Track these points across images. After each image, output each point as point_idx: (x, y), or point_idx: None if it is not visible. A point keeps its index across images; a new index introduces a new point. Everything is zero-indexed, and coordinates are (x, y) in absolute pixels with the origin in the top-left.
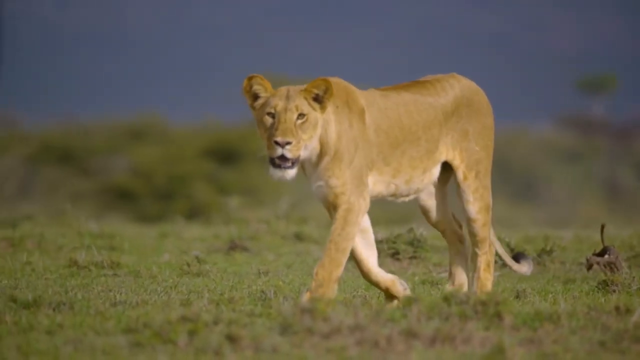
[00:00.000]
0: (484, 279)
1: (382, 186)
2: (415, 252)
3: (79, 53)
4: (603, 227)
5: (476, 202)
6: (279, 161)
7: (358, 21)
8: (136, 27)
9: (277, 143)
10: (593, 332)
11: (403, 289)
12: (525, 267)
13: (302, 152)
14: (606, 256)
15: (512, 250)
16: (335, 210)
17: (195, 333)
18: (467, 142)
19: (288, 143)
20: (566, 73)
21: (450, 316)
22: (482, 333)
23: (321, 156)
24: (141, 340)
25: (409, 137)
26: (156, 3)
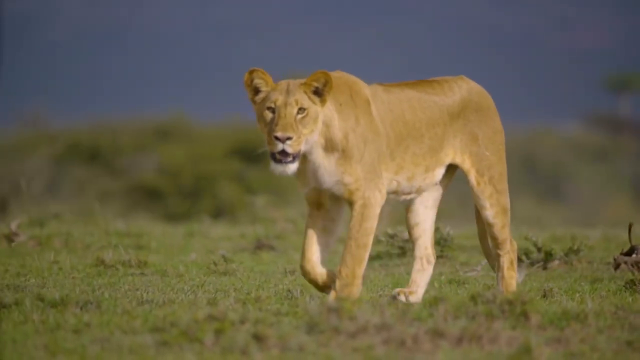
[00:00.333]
0: (508, 277)
1: (385, 182)
2: (442, 251)
3: (108, 53)
4: (631, 226)
5: (492, 208)
6: (280, 156)
7: (391, 18)
8: (164, 27)
9: (278, 138)
10: (620, 332)
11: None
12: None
13: (303, 146)
14: (634, 255)
15: (540, 249)
16: (351, 206)
17: (221, 332)
18: (477, 147)
19: (289, 138)
20: (593, 72)
21: (476, 315)
22: (509, 332)
23: (328, 153)
24: (168, 339)
25: (413, 133)
26: (183, 2)
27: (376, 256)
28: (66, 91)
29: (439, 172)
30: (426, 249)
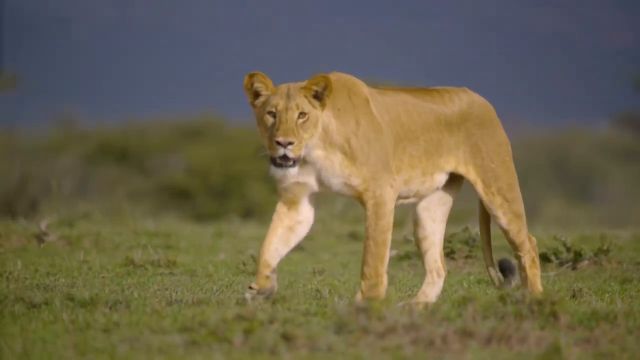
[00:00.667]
0: (532, 276)
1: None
2: (470, 252)
3: (140, 53)
4: None
5: (505, 216)
6: (281, 161)
7: (419, 19)
8: (196, 27)
9: (279, 143)
10: None
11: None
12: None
13: (303, 151)
14: None
15: (569, 249)
16: (364, 206)
17: (250, 332)
18: (482, 160)
19: (290, 143)
20: (623, 72)
21: (505, 315)
22: (538, 332)
23: (329, 155)
24: (197, 339)
25: (409, 135)
26: (215, 1)
27: (405, 256)
28: (97, 91)
29: (439, 178)
30: (436, 262)
